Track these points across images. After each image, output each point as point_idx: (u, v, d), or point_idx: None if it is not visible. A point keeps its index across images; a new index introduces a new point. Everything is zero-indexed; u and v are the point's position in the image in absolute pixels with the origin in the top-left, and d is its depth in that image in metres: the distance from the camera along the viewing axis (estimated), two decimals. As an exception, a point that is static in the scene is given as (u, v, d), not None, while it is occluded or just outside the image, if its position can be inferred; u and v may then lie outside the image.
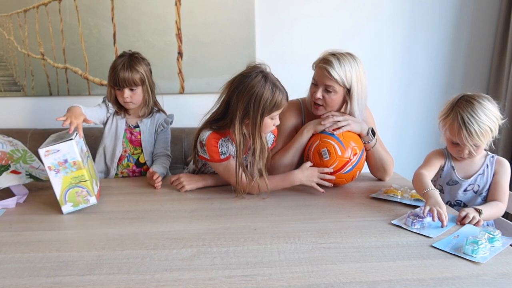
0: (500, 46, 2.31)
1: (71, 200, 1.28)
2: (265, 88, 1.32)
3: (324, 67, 1.46)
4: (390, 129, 2.43)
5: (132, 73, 1.64)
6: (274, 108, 1.35)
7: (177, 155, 2.03)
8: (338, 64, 1.44)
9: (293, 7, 2.25)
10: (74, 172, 1.25)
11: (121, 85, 1.64)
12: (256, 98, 1.32)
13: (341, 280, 0.90)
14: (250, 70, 1.37)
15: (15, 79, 2.22)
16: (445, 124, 1.37)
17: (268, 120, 1.37)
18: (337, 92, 1.48)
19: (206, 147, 1.40)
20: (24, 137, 2.00)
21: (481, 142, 1.32)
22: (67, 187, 1.26)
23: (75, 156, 1.24)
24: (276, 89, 1.34)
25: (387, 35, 2.34)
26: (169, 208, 1.33)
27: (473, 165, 1.42)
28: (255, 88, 1.32)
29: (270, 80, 1.34)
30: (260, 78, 1.33)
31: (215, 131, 1.41)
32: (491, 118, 1.31)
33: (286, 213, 1.28)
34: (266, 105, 1.33)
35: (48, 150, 1.21)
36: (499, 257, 1.00)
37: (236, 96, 1.35)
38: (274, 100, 1.33)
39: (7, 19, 2.15)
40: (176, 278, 0.91)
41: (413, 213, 1.20)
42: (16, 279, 0.91)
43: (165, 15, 2.17)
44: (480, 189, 1.40)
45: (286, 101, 1.38)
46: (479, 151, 1.36)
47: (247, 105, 1.33)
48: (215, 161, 1.43)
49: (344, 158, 1.44)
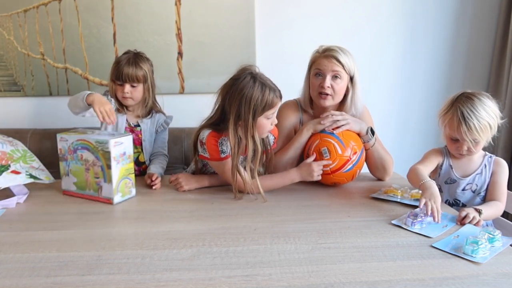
0: (500, 46, 2.31)
1: (121, 191, 1.37)
2: (254, 89, 1.32)
3: (331, 54, 1.50)
4: (390, 129, 2.43)
5: (136, 69, 1.65)
6: (266, 108, 1.35)
7: (177, 155, 2.03)
8: (341, 51, 1.51)
9: (293, 8, 2.25)
10: (127, 164, 1.37)
11: (123, 80, 1.64)
12: (246, 100, 1.32)
13: (341, 280, 0.90)
14: (239, 73, 1.38)
15: (15, 79, 2.22)
16: (444, 120, 1.38)
17: (263, 120, 1.37)
18: (343, 79, 1.52)
19: (206, 145, 1.41)
20: (24, 137, 1.99)
21: (480, 137, 1.32)
22: (121, 178, 1.36)
23: (131, 150, 1.37)
24: (265, 88, 1.34)
25: (387, 35, 2.34)
26: (169, 208, 1.33)
27: (472, 164, 1.42)
28: (244, 90, 1.33)
29: (259, 80, 1.35)
30: (249, 79, 1.34)
31: (214, 130, 1.41)
32: (490, 115, 1.32)
33: (286, 213, 1.28)
34: (257, 105, 1.33)
35: (116, 141, 1.33)
36: (499, 257, 1.00)
37: (228, 101, 1.36)
38: (264, 100, 1.33)
39: (7, 19, 2.15)
40: (176, 278, 0.91)
41: (413, 213, 1.20)
42: (16, 279, 0.91)
43: (165, 15, 2.17)
44: (478, 188, 1.40)
45: (279, 99, 1.38)
46: (478, 147, 1.36)
47: (238, 108, 1.33)
48: (215, 159, 1.43)
49: (344, 156, 1.45)
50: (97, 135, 1.37)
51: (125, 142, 1.36)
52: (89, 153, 1.36)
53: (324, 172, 1.47)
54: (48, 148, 2.00)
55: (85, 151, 1.36)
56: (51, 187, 1.49)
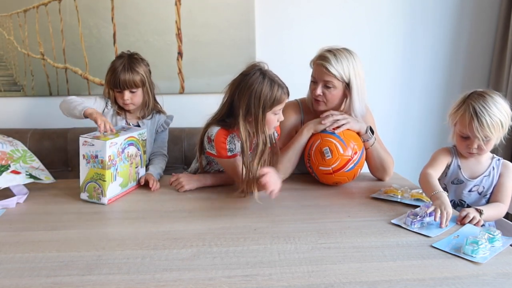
0: (500, 46, 2.31)
1: (88, 191, 1.38)
2: (263, 84, 1.35)
3: (321, 63, 1.48)
4: (390, 129, 2.43)
5: (133, 74, 1.63)
6: (275, 103, 1.36)
7: (177, 155, 2.02)
8: (335, 59, 1.47)
9: (293, 8, 2.25)
10: (99, 169, 1.36)
11: (122, 88, 1.63)
12: (255, 95, 1.34)
13: (341, 280, 0.90)
14: (249, 69, 1.40)
15: (15, 79, 2.22)
16: (455, 117, 1.37)
17: (271, 115, 1.39)
18: (337, 87, 1.50)
19: (215, 142, 1.41)
20: (24, 137, 1.99)
21: (491, 134, 1.31)
22: (89, 179, 1.37)
23: (104, 156, 1.34)
24: (274, 84, 1.36)
25: (387, 35, 2.34)
26: (169, 208, 1.34)
27: (480, 166, 1.41)
28: (254, 85, 1.34)
29: (269, 76, 1.37)
30: (258, 75, 1.36)
31: (223, 127, 1.42)
32: (502, 112, 1.32)
33: (286, 213, 1.29)
34: (266, 100, 1.35)
35: (86, 141, 1.36)
36: (499, 257, 1.00)
37: (237, 96, 1.37)
38: (273, 95, 1.35)
39: (7, 19, 2.15)
40: (176, 278, 0.91)
41: (413, 213, 1.20)
42: (16, 279, 0.91)
43: (165, 15, 2.17)
44: (484, 190, 1.40)
45: (286, 96, 1.40)
46: (489, 146, 1.35)
47: (248, 103, 1.35)
48: (222, 157, 1.43)
49: (345, 156, 1.45)
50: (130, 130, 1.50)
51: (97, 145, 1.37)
52: (133, 148, 1.47)
53: (325, 172, 1.48)
54: (48, 148, 2.00)
55: (131, 147, 1.46)
56: (51, 187, 1.49)
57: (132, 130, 1.51)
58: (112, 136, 1.39)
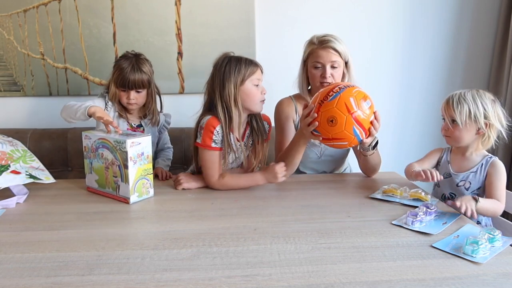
0: (500, 46, 2.31)
1: (138, 191, 1.38)
2: (231, 63, 1.43)
3: (328, 45, 1.56)
4: (390, 129, 2.43)
5: (141, 75, 1.65)
6: (247, 75, 1.43)
7: (177, 155, 2.03)
8: (336, 40, 1.57)
9: (293, 7, 2.25)
10: (145, 165, 1.38)
11: (130, 87, 1.64)
12: (225, 76, 1.42)
13: (341, 280, 0.90)
14: (217, 60, 1.48)
15: (15, 79, 2.22)
16: None
17: (251, 87, 1.44)
18: (340, 66, 1.59)
19: (204, 129, 1.44)
20: (24, 137, 1.99)
21: (456, 117, 1.36)
22: (138, 178, 1.37)
23: (149, 150, 1.38)
24: (241, 60, 1.44)
25: (387, 35, 2.34)
26: (169, 208, 1.33)
27: (468, 162, 1.44)
28: (221, 69, 1.43)
29: (234, 57, 1.46)
30: (224, 58, 1.46)
31: (215, 116, 1.44)
32: (477, 104, 1.35)
33: (286, 213, 1.28)
34: (236, 76, 1.41)
35: (133, 141, 1.34)
36: (499, 257, 1.00)
37: (212, 84, 1.46)
38: (241, 69, 1.43)
39: (7, 19, 2.15)
40: (176, 278, 0.91)
41: (413, 213, 1.20)
42: (16, 279, 0.91)
43: (165, 15, 2.17)
44: (471, 187, 1.42)
45: (257, 66, 1.46)
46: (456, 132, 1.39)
47: (221, 83, 1.43)
48: (205, 146, 1.45)
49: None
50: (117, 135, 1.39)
51: (143, 142, 1.37)
52: (108, 152, 1.39)
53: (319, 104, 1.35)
54: (48, 148, 2.00)
55: (105, 150, 1.39)
56: (51, 187, 1.49)
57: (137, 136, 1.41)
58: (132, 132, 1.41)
